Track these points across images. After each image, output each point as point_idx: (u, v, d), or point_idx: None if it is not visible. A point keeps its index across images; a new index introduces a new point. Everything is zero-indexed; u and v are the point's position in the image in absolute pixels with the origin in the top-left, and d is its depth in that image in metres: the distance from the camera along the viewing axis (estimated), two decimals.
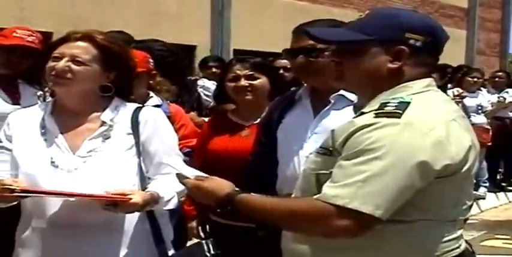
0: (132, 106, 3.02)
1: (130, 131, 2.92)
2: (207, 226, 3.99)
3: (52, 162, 2.85)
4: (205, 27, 15.03)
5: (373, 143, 2.09)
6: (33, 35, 4.68)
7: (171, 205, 2.88)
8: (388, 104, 2.17)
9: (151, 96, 4.27)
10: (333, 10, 16.41)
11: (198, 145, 4.04)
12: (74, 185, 2.75)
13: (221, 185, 2.39)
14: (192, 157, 3.98)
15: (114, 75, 2.97)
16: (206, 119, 5.15)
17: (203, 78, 6.51)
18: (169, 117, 4.15)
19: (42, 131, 2.92)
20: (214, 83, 6.35)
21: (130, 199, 2.67)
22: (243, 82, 3.78)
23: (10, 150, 2.94)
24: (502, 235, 7.41)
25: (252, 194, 2.38)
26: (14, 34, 4.62)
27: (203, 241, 3.03)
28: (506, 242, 7.11)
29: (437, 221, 2.22)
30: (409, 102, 2.16)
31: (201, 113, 5.69)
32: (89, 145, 2.88)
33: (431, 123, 2.14)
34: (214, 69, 7.84)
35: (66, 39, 2.96)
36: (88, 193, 2.70)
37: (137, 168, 2.90)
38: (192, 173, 2.51)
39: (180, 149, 4.02)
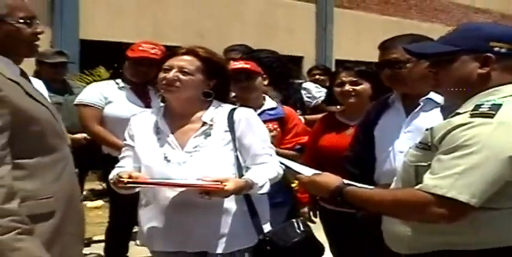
0: (228, 107, 3.09)
1: (228, 129, 3.00)
2: (317, 211, 4.05)
3: (165, 157, 2.97)
4: (311, 41, 15.08)
5: (469, 140, 2.08)
6: (156, 47, 4.78)
7: (264, 190, 2.94)
8: (482, 106, 2.15)
9: (266, 100, 4.30)
10: (421, 24, 16.30)
11: (310, 142, 4.06)
12: (183, 176, 2.87)
13: (331, 179, 2.42)
14: (303, 152, 4.02)
15: (213, 83, 3.06)
16: (301, 117, 5.13)
17: (307, 82, 6.53)
18: (283, 118, 4.20)
19: (157, 131, 3.05)
20: (318, 86, 6.38)
21: (223, 187, 2.75)
22: (347, 87, 3.80)
23: (132, 147, 3.08)
24: None
25: (358, 185, 2.41)
26: (140, 48, 4.75)
27: (294, 220, 3.08)
28: None
29: None
30: (501, 104, 2.13)
31: (304, 112, 5.74)
32: (194, 142, 2.98)
33: None
34: (317, 76, 7.91)
35: (173, 54, 3.07)
36: (186, 183, 2.82)
37: (234, 160, 2.97)
38: (304, 169, 2.55)
39: (293, 146, 4.07)
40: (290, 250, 2.95)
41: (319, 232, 3.58)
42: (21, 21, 2.45)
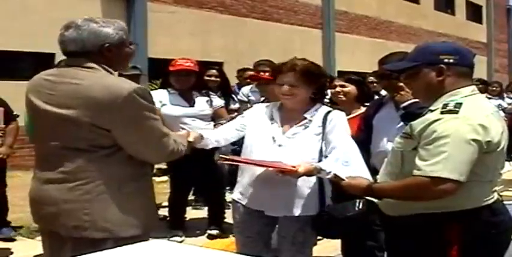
0: (326, 109, 3.00)
1: (321, 125, 2.91)
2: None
3: (273, 138, 2.91)
4: (319, 56, 15.04)
5: (444, 132, 2.05)
6: (189, 61, 4.77)
7: (330, 176, 2.76)
8: (448, 105, 2.12)
9: None
10: (399, 44, 16.48)
11: None
12: (280, 154, 2.82)
13: (362, 181, 2.39)
14: None
15: (316, 87, 2.97)
16: None
17: None
18: None
19: (271, 118, 2.99)
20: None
21: (297, 170, 2.68)
22: (337, 89, 3.80)
23: (242, 124, 3.04)
24: None
25: (380, 182, 2.35)
26: (177, 63, 4.74)
27: (357, 200, 2.82)
28: None
29: (481, 181, 2.16)
30: (462, 103, 2.11)
31: None
32: (294, 130, 2.91)
33: (478, 116, 2.08)
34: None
35: (280, 71, 2.97)
36: (269, 163, 2.73)
37: (319, 148, 2.88)
38: (341, 172, 2.52)
39: None
40: (343, 221, 2.82)
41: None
42: (131, 44, 2.34)
